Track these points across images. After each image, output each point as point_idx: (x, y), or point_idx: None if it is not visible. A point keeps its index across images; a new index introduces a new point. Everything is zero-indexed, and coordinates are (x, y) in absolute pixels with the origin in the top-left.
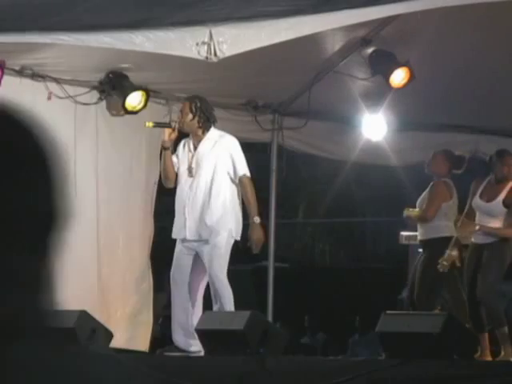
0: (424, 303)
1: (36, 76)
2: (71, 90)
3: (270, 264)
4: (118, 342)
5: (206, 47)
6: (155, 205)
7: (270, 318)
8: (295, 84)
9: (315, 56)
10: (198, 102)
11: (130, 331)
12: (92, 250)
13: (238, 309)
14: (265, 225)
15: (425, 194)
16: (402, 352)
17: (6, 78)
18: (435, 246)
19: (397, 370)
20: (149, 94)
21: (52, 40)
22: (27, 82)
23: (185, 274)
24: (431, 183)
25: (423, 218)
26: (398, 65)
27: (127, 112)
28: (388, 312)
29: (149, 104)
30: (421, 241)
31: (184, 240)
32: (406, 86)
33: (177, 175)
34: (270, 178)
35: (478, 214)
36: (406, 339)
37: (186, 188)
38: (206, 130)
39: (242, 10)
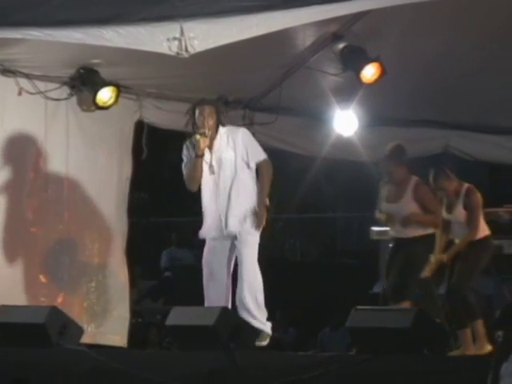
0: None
1: (6, 71)
2: (42, 85)
3: None
4: (93, 338)
5: (176, 43)
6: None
7: None
8: (266, 79)
9: (286, 51)
10: (218, 106)
11: (106, 326)
12: (63, 245)
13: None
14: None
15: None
16: (372, 347)
17: None
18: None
19: (367, 365)
20: (119, 89)
21: (23, 35)
22: None
23: (222, 265)
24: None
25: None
26: (369, 60)
27: (98, 107)
28: (358, 307)
29: (120, 99)
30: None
31: (216, 237)
32: (377, 81)
33: None
34: None
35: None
36: (376, 334)
37: (210, 187)
38: (217, 129)
39: (213, 5)
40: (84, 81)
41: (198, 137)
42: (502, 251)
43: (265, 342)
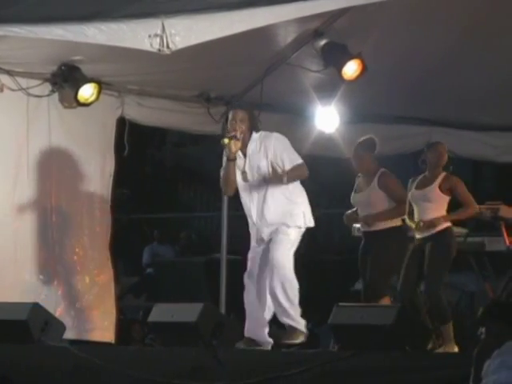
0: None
1: None
2: (24, 82)
3: (223, 256)
4: (80, 334)
5: (158, 39)
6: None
7: (222, 310)
8: (248, 76)
9: (268, 48)
10: (252, 111)
11: (92, 322)
12: (47, 242)
13: (191, 301)
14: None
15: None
16: (354, 344)
17: None
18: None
19: (349, 362)
20: (101, 86)
21: (4, 32)
22: None
23: (260, 270)
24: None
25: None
26: (351, 57)
27: (79, 104)
28: (340, 304)
29: (101, 96)
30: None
31: (256, 244)
32: (358, 78)
33: None
34: None
35: (416, 204)
36: (358, 331)
37: (245, 194)
38: (251, 134)
39: (195, 1)
40: (66, 77)
41: (226, 140)
42: (485, 248)
43: (298, 340)
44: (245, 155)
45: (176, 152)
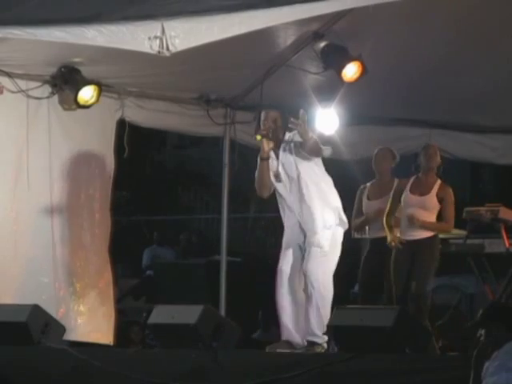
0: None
1: None
2: (23, 84)
3: (223, 258)
4: (80, 336)
5: (158, 41)
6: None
7: (222, 312)
8: (247, 78)
9: (267, 50)
10: (284, 112)
11: (92, 324)
12: (47, 243)
13: (191, 303)
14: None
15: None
16: (354, 346)
17: None
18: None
19: (349, 364)
20: (101, 88)
21: (4, 34)
22: None
23: (293, 274)
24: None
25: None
26: (350, 59)
27: (79, 106)
28: (340, 306)
29: (101, 98)
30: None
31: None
32: (358, 80)
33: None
34: (223, 172)
35: (409, 209)
36: (358, 333)
37: (280, 195)
38: (284, 135)
39: (195, 4)
40: (65, 79)
41: (258, 137)
42: (484, 250)
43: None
44: (277, 156)
45: (176, 154)
